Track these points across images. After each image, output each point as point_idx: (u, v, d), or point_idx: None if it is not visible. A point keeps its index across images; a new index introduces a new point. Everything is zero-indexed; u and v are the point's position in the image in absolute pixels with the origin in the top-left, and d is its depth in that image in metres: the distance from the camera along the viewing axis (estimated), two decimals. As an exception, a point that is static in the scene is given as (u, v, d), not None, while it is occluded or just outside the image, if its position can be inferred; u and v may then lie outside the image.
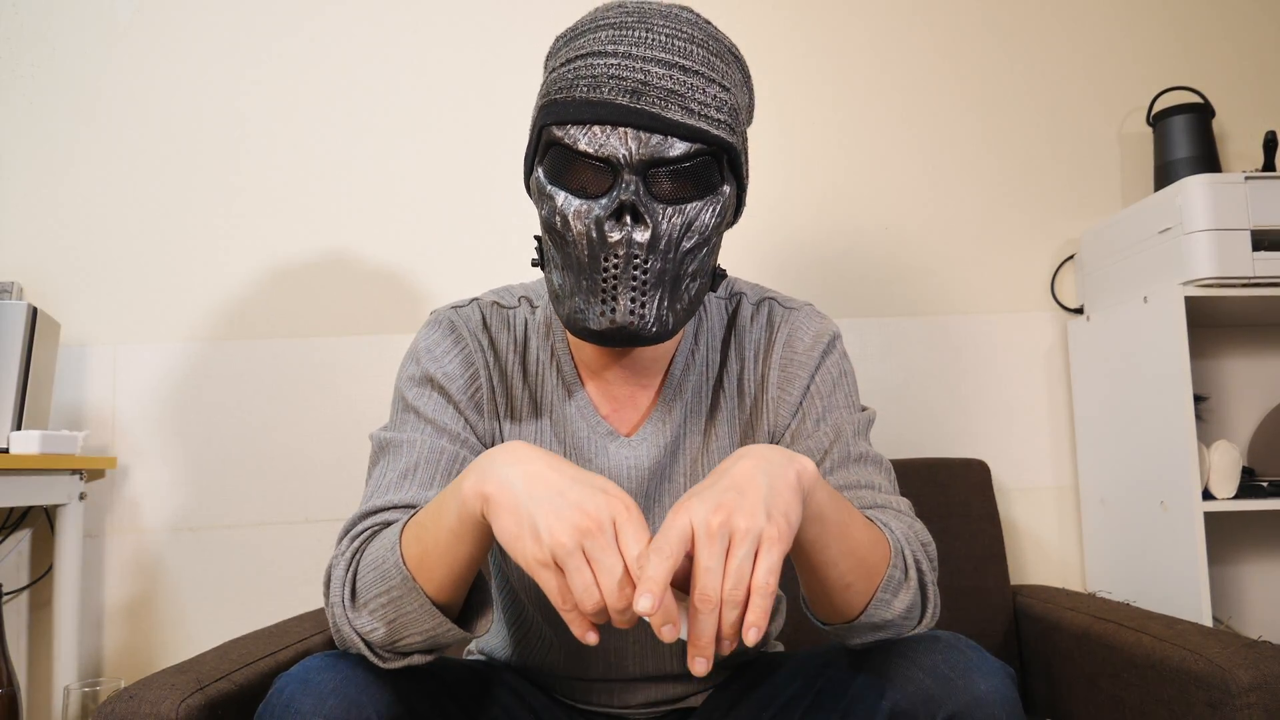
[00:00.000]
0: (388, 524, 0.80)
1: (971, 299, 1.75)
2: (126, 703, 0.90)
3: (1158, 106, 1.74)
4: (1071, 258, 1.76)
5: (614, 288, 0.78)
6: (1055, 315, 1.76)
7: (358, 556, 0.77)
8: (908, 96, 1.79)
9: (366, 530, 0.79)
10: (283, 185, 1.69)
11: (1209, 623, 1.35)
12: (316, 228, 1.69)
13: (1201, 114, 1.65)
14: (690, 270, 0.81)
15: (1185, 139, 1.65)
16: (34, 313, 1.43)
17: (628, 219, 0.77)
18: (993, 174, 1.78)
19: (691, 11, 0.82)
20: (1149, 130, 1.79)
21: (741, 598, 0.61)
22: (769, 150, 1.76)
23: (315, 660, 0.77)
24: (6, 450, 1.38)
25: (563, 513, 0.62)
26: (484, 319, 0.95)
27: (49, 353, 1.50)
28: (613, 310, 0.79)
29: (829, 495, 0.71)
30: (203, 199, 1.68)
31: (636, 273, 0.78)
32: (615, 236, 0.77)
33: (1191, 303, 1.43)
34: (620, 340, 0.80)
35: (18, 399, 1.40)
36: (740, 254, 1.73)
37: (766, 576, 0.61)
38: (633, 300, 0.78)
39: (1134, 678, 1.15)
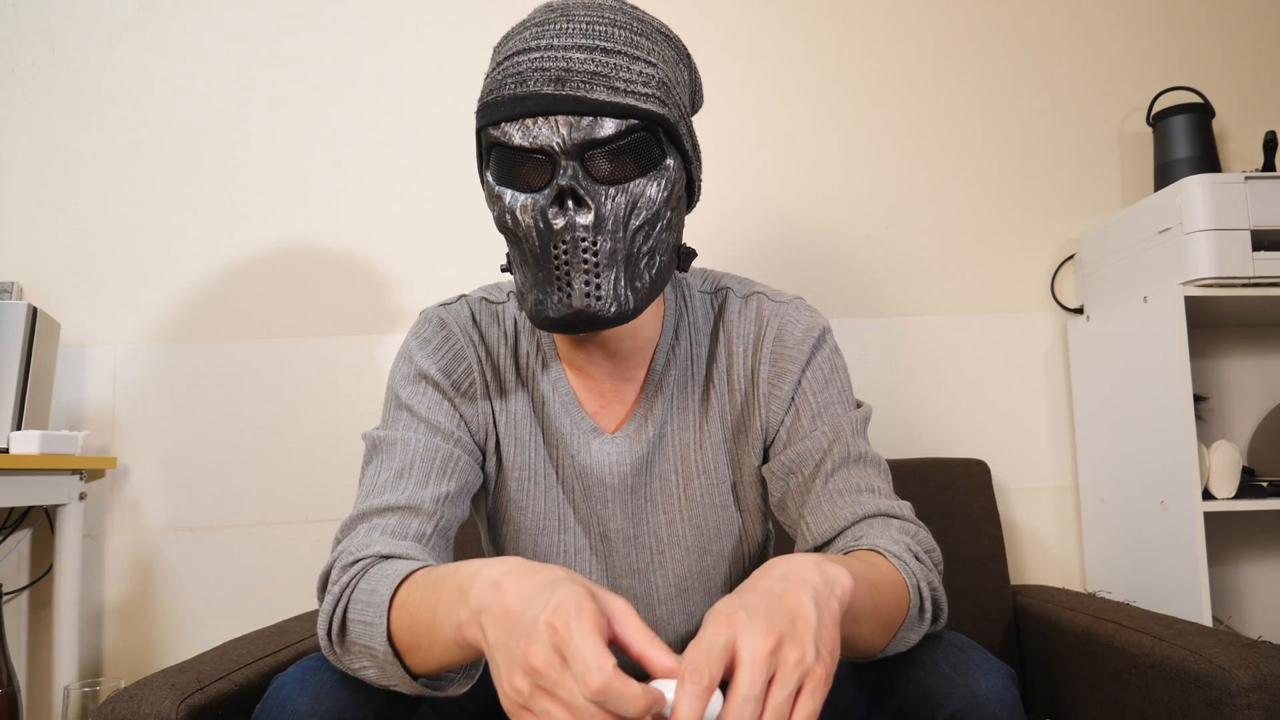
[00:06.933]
0: (381, 556, 0.77)
1: (971, 299, 1.75)
2: (126, 703, 0.90)
3: (1158, 106, 1.74)
4: (1071, 258, 1.76)
5: (567, 273, 0.78)
6: (1055, 315, 1.76)
7: (347, 594, 0.74)
8: (908, 96, 1.79)
9: (359, 561, 0.77)
10: (283, 185, 1.69)
11: (1209, 623, 1.35)
12: (317, 227, 1.69)
13: (1201, 114, 1.65)
14: (645, 249, 0.81)
15: (1185, 139, 1.65)
16: (34, 313, 1.43)
17: (569, 204, 0.77)
18: (993, 174, 1.78)
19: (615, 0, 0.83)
20: (1149, 130, 1.79)
21: None
22: (769, 150, 1.76)
23: (312, 660, 0.77)
24: (6, 450, 1.38)
25: (514, 655, 0.56)
26: (473, 315, 0.95)
27: (49, 353, 1.50)
28: (569, 296, 0.78)
29: (866, 592, 0.68)
30: (203, 199, 1.68)
31: (586, 255, 0.78)
32: (560, 223, 0.77)
33: (1191, 303, 1.43)
34: (581, 325, 0.80)
35: (18, 399, 1.40)
36: (740, 252, 1.73)
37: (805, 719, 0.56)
38: (586, 283, 0.78)
39: (1134, 678, 1.15)
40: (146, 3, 1.70)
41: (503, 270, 0.89)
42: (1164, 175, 1.65)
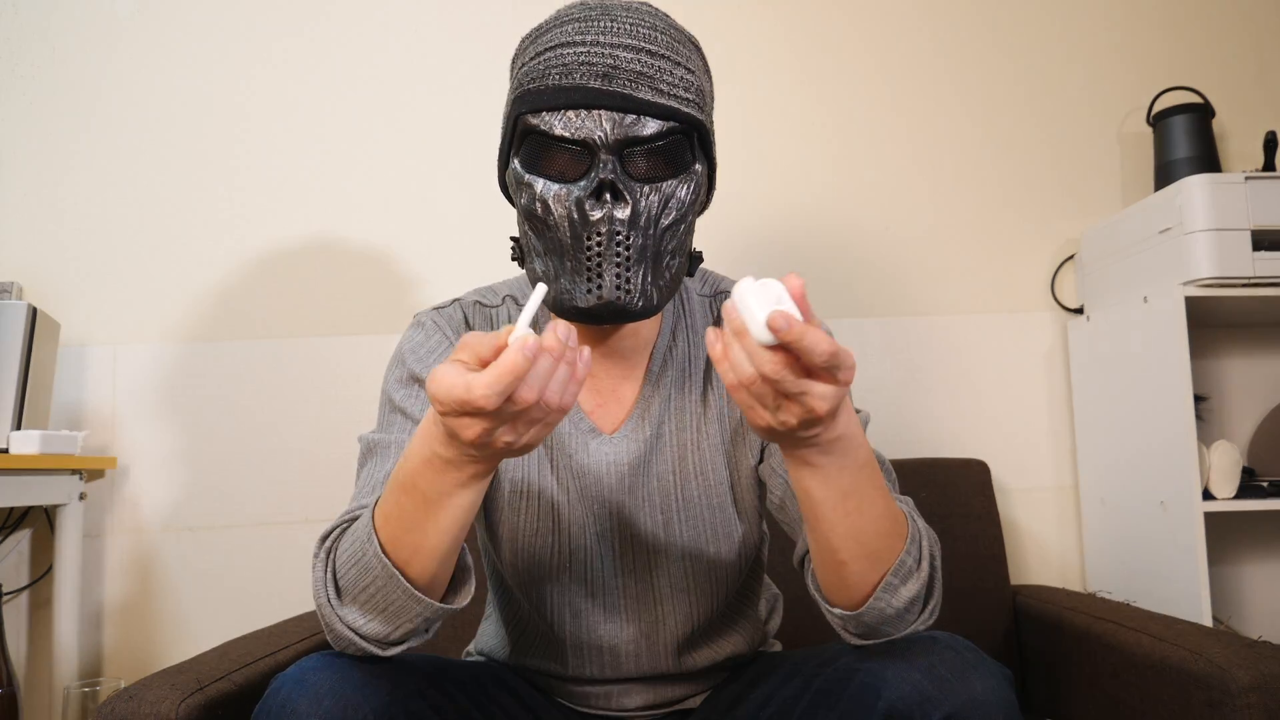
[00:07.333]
0: (350, 520, 0.80)
1: (971, 299, 1.75)
2: (126, 703, 0.90)
3: (1157, 106, 1.73)
4: (1071, 258, 1.76)
5: (599, 265, 0.80)
6: (1055, 315, 1.76)
7: (333, 553, 0.77)
8: (908, 97, 1.79)
9: (337, 528, 0.79)
10: (283, 185, 1.69)
11: (1209, 623, 1.35)
12: (317, 227, 1.69)
13: (1201, 114, 1.65)
14: (670, 247, 0.83)
15: (1185, 139, 1.64)
16: (34, 313, 1.43)
17: (608, 197, 0.79)
18: (993, 174, 1.78)
19: (651, 5, 0.85)
20: (1149, 130, 1.79)
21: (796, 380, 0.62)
22: (769, 150, 1.76)
23: (312, 660, 0.77)
24: (6, 450, 1.38)
25: (463, 443, 0.65)
26: (466, 318, 0.96)
27: (49, 353, 1.50)
28: (599, 287, 0.80)
29: (869, 476, 0.73)
30: (203, 199, 1.68)
31: (620, 249, 0.80)
32: (597, 215, 0.79)
33: (1191, 303, 1.43)
34: (609, 316, 0.82)
35: (18, 399, 1.40)
36: (740, 253, 1.73)
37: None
38: (618, 276, 0.80)
39: (1134, 678, 1.14)
40: (146, 3, 1.70)
41: (513, 260, 0.89)
42: (1164, 175, 1.65)
